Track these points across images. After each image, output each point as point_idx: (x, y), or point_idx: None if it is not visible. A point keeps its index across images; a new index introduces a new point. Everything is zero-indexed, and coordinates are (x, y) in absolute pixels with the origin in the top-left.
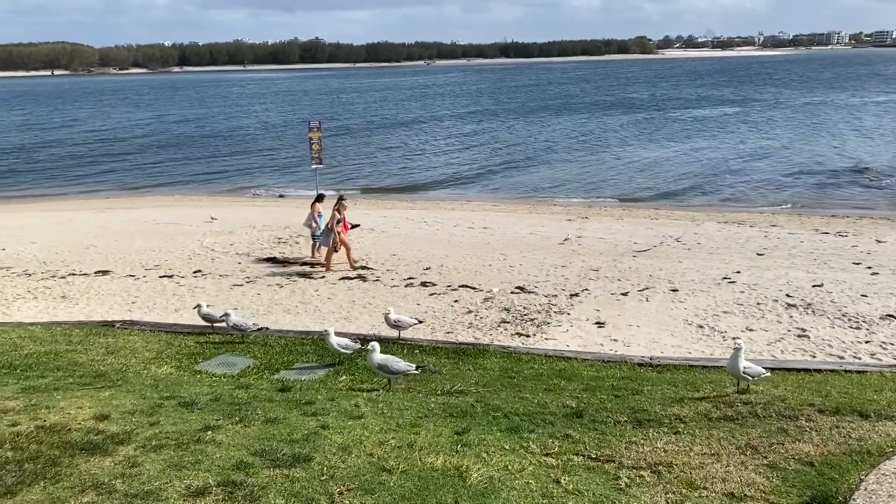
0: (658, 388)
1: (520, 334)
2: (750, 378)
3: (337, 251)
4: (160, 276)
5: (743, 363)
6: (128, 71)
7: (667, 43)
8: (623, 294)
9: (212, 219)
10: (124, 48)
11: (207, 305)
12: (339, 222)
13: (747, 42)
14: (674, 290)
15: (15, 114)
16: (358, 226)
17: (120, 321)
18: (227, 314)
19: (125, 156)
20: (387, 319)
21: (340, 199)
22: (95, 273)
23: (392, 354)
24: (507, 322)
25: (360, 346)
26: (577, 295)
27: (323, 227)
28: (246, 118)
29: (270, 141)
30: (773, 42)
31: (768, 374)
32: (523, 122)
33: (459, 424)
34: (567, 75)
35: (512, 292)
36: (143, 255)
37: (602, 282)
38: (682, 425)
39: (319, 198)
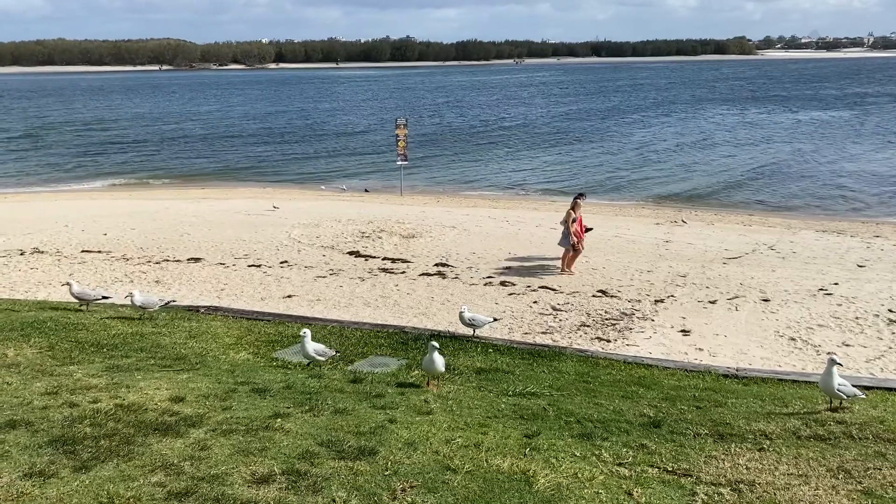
0: (743, 401)
1: (600, 339)
2: (844, 396)
3: (578, 251)
4: (249, 266)
5: (837, 380)
6: (227, 67)
7: (767, 43)
8: (711, 302)
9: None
10: (224, 45)
11: (78, 283)
12: (573, 222)
13: (855, 43)
14: (765, 300)
15: (133, 105)
16: (590, 229)
17: (205, 306)
18: (130, 294)
19: (221, 147)
20: (461, 317)
21: (578, 197)
22: (188, 260)
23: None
24: (588, 326)
25: (336, 353)
26: (662, 301)
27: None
28: (335, 114)
29: (357, 136)
30: (885, 43)
31: (864, 396)
32: (617, 123)
33: (529, 427)
34: (660, 74)
35: (593, 296)
36: (233, 244)
37: (689, 288)
38: (768, 442)
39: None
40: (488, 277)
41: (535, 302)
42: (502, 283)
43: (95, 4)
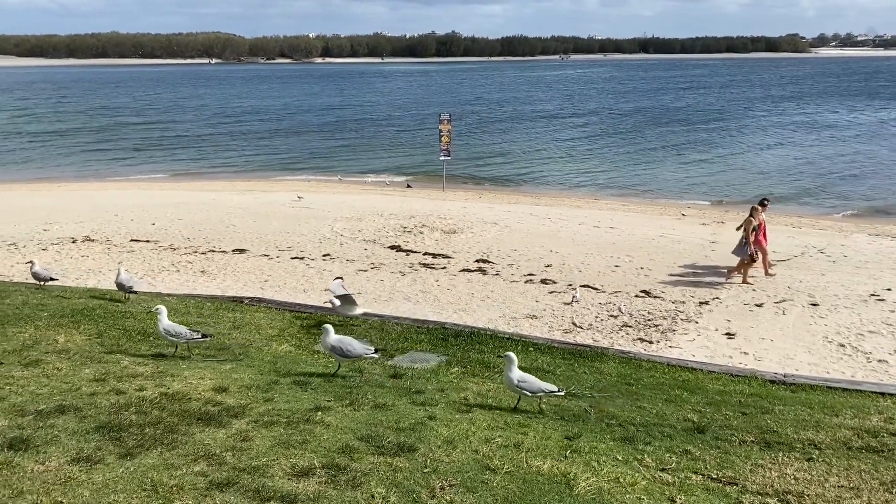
0: (791, 408)
1: (642, 340)
2: (527, 393)
3: (755, 261)
4: (292, 258)
5: (517, 375)
6: (274, 61)
7: (821, 41)
8: (757, 305)
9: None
10: (272, 39)
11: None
12: (754, 229)
13: None
14: (814, 305)
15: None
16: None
17: (248, 298)
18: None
19: (269, 140)
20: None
21: (761, 203)
22: (233, 251)
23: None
24: (630, 326)
25: (198, 336)
26: (706, 303)
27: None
28: (379, 108)
29: (400, 130)
30: None
31: (562, 393)
32: (663, 123)
33: (570, 429)
34: (716, 71)
35: (636, 296)
36: (277, 236)
37: (735, 291)
38: (817, 452)
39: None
40: (529, 275)
41: (575, 300)
42: (543, 281)
43: None
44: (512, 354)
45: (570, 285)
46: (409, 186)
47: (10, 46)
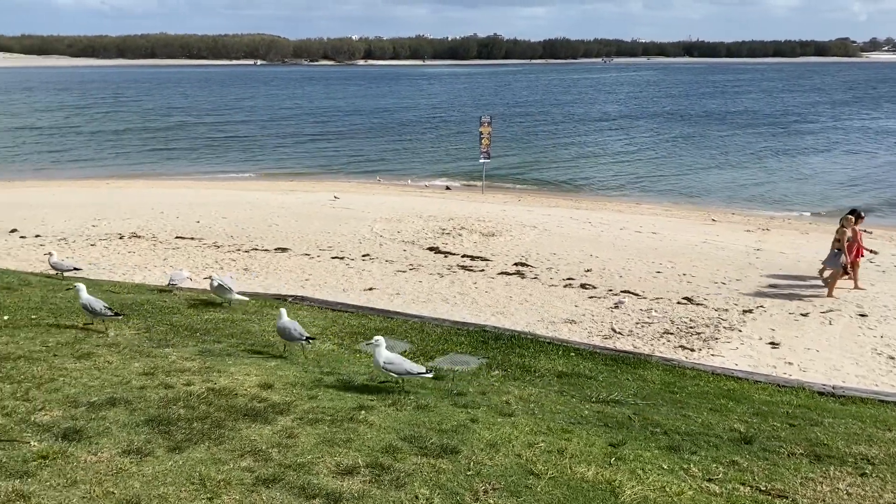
0: (841, 421)
1: (683, 347)
2: (394, 375)
3: (848, 274)
4: (332, 257)
5: (384, 356)
6: (317, 63)
7: (873, 45)
8: (803, 314)
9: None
10: (315, 41)
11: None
12: (849, 240)
13: None
14: (862, 315)
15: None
16: (874, 252)
17: (291, 296)
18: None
19: (310, 140)
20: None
21: (852, 215)
22: (275, 250)
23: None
24: (671, 333)
25: (112, 313)
26: (750, 311)
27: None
28: (419, 109)
29: (440, 132)
30: None
31: (430, 375)
32: (706, 127)
33: (614, 436)
34: (766, 76)
35: (678, 302)
36: (318, 236)
37: (780, 299)
38: (871, 467)
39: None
40: (568, 279)
41: (616, 306)
42: (583, 286)
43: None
44: (380, 338)
45: (611, 290)
46: (448, 188)
47: (64, 47)
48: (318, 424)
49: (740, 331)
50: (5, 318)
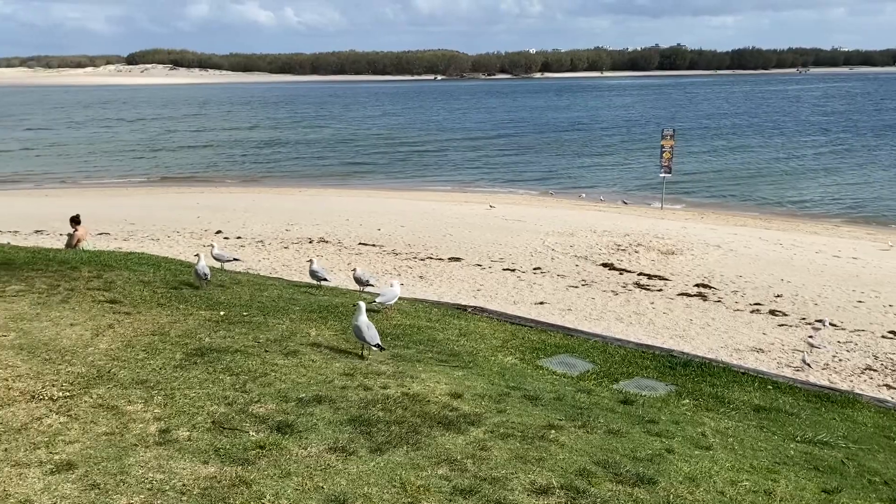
0: None
1: (889, 387)
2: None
3: None
4: (503, 269)
5: (363, 318)
6: (494, 76)
7: None
8: None
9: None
10: (493, 55)
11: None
12: None
13: None
14: None
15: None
16: None
17: (471, 306)
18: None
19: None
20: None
21: None
22: (449, 259)
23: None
24: (874, 370)
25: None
26: None
27: None
28: (596, 122)
29: (618, 145)
30: None
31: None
32: None
33: (828, 482)
34: None
35: (883, 336)
36: (490, 247)
37: None
38: None
39: None
40: (756, 304)
41: (810, 336)
42: (772, 312)
43: (383, 18)
44: (361, 303)
45: (804, 318)
46: (624, 203)
47: (264, 64)
48: (509, 439)
49: None
50: (221, 313)
